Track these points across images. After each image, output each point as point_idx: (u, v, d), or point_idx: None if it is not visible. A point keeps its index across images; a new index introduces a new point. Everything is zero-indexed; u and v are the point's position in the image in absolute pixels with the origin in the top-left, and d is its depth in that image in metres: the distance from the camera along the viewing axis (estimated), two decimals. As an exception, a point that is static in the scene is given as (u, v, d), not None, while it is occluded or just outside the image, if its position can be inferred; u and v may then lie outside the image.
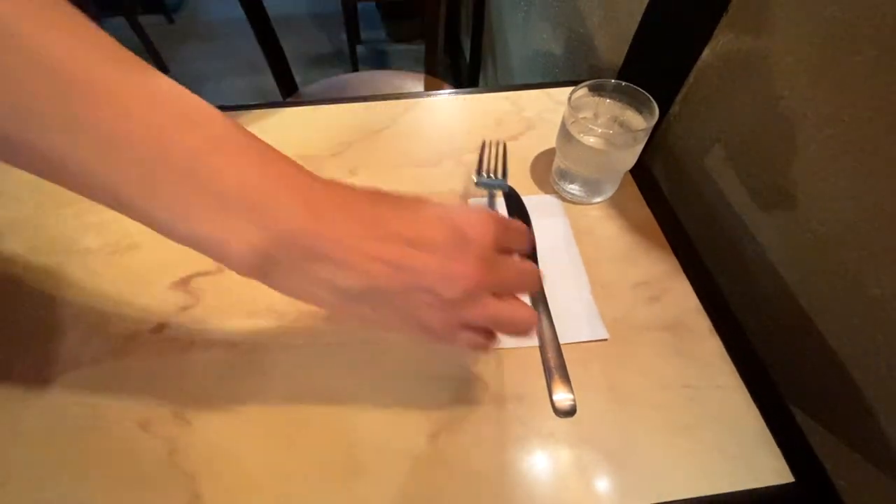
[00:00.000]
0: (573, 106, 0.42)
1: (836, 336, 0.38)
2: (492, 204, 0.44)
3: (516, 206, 0.45)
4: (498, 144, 0.48)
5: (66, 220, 0.44)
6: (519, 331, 0.26)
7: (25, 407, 0.34)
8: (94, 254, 0.42)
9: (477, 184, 0.44)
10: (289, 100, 0.98)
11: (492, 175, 0.45)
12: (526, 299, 0.39)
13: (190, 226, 0.20)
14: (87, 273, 0.41)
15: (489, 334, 0.27)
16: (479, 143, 0.52)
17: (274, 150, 0.22)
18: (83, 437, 0.32)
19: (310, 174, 0.22)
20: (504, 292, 0.26)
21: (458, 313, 0.24)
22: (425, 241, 0.22)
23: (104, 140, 0.18)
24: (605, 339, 0.37)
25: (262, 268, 0.21)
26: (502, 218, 0.26)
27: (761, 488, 0.31)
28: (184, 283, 0.40)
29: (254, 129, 0.52)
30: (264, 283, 0.22)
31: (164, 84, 0.20)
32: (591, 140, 0.41)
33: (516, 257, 0.27)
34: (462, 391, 0.35)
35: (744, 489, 0.31)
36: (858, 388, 0.37)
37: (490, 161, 0.46)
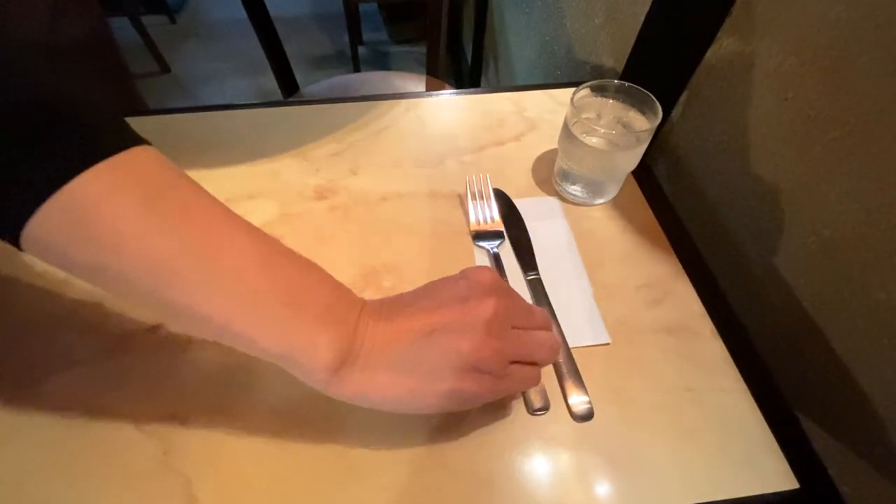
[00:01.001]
0: (576, 106, 0.41)
1: (840, 341, 0.38)
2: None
3: (508, 209, 0.45)
4: (481, 182, 0.46)
5: (64, 217, 0.44)
6: (550, 350, 0.30)
7: (18, 405, 0.33)
8: (92, 252, 0.41)
9: (479, 246, 0.43)
10: (290, 99, 0.98)
11: (488, 221, 0.44)
12: (530, 303, 0.38)
13: (290, 340, 0.24)
14: (83, 271, 0.40)
15: (532, 366, 0.30)
16: (479, 145, 0.51)
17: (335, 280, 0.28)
18: (76, 437, 0.32)
19: (353, 295, 0.29)
20: (522, 325, 0.30)
21: (494, 345, 0.27)
22: (448, 299, 0.28)
23: (232, 289, 0.23)
24: (608, 344, 0.37)
25: (337, 367, 0.25)
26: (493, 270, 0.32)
27: (766, 494, 0.30)
28: (181, 281, 0.39)
29: (256, 128, 0.52)
30: (330, 386, 0.26)
31: (258, 231, 0.26)
32: (593, 140, 0.41)
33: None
34: (462, 393, 0.34)
35: (749, 495, 0.30)
36: (863, 393, 0.36)
37: (479, 211, 0.44)
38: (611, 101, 0.44)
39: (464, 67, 1.72)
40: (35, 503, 0.29)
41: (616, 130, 0.42)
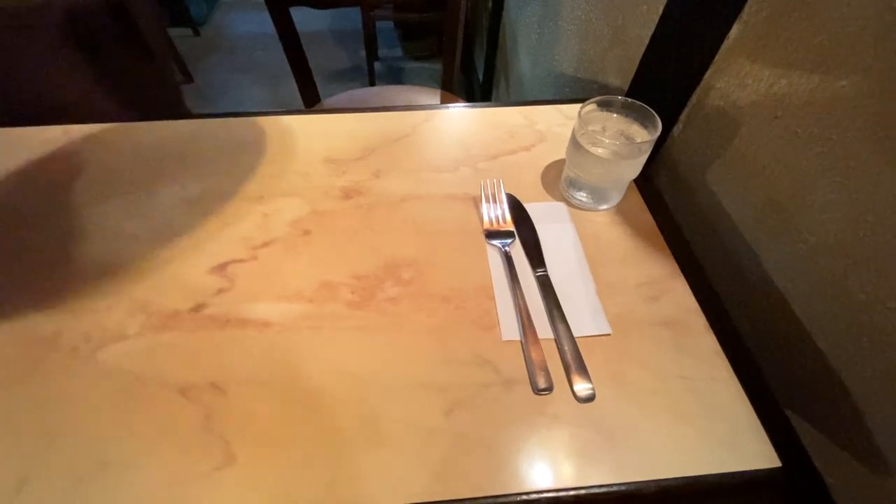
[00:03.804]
0: (583, 119, 0.45)
1: (825, 339, 0.41)
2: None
3: (518, 212, 0.49)
4: (494, 186, 0.50)
5: (114, 208, 0.48)
6: None
7: (74, 373, 0.37)
8: (139, 240, 0.45)
9: (491, 244, 0.46)
10: (317, 108, 1.03)
11: (500, 222, 0.47)
12: (538, 297, 0.42)
13: None
14: (132, 256, 0.44)
15: None
16: (492, 154, 0.55)
17: None
18: (127, 402, 0.35)
19: None
20: None
21: None
22: None
23: None
24: (609, 334, 0.40)
25: None
26: None
27: (750, 471, 0.33)
28: (220, 268, 0.43)
29: (288, 133, 0.57)
30: None
31: None
32: (598, 150, 0.45)
33: None
34: (475, 374, 0.37)
35: (734, 471, 0.33)
36: (846, 389, 0.39)
37: (492, 213, 0.48)
38: (615, 115, 0.48)
39: (475, 84, 1.78)
40: (90, 459, 0.33)
41: (619, 141, 0.46)
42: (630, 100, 0.46)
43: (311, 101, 1.06)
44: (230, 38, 2.32)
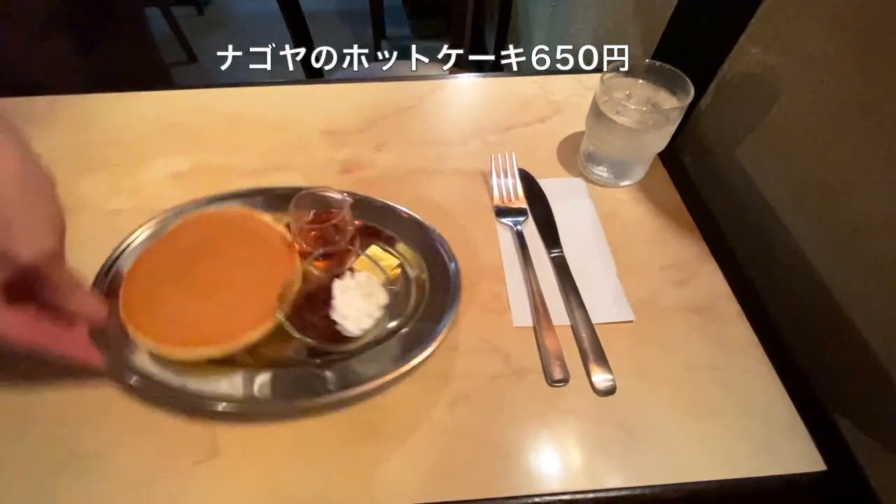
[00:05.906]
0: (606, 85, 0.41)
1: (870, 330, 0.37)
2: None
3: (531, 188, 0.45)
4: (506, 160, 0.46)
5: (99, 183, 0.45)
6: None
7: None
8: (124, 215, 0.42)
9: (502, 223, 0.43)
10: (318, 78, 0.99)
11: (512, 198, 0.44)
12: (553, 280, 0.39)
13: None
14: (113, 233, 0.41)
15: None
16: (504, 126, 0.52)
17: None
18: (104, 387, 0.33)
19: None
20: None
21: None
22: None
23: None
24: (631, 321, 0.37)
25: None
26: None
27: (791, 475, 0.30)
28: (209, 245, 0.40)
29: (286, 104, 0.53)
30: None
31: None
32: (622, 119, 0.41)
33: None
34: (483, 363, 0.34)
35: (772, 475, 0.30)
36: (894, 386, 0.35)
37: (503, 188, 0.44)
38: (640, 81, 0.43)
39: (485, 63, 1.72)
40: (65, 449, 0.30)
41: (646, 108, 0.42)
42: (658, 63, 0.42)
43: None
44: (233, 18, 2.28)
